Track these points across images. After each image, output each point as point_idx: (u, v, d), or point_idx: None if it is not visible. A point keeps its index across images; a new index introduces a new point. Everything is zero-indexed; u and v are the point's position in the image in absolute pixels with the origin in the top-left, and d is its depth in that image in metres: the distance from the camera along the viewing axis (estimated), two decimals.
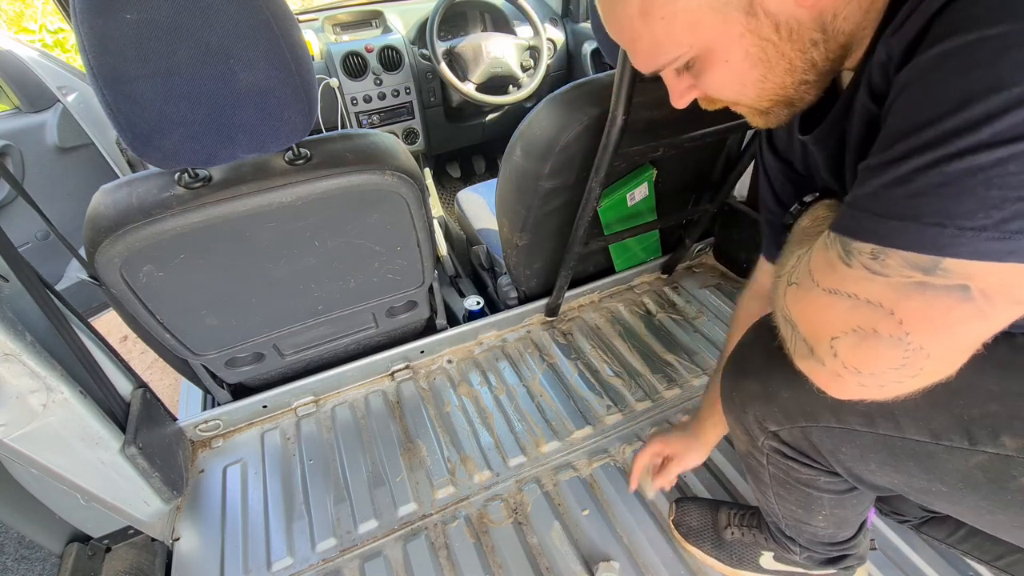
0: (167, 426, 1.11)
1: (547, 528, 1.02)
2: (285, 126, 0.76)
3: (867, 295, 0.37)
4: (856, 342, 0.39)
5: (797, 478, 0.66)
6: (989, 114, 0.32)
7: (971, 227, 0.33)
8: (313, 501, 1.09)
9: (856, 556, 0.80)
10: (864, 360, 0.39)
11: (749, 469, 0.73)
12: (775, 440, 0.63)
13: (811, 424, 0.57)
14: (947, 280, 0.35)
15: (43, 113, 1.86)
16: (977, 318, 0.35)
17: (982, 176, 0.33)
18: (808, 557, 0.81)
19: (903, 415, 0.50)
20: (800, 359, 0.45)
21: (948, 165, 0.33)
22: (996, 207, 0.33)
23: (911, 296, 0.36)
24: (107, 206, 0.80)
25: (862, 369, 0.39)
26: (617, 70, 0.86)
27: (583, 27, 2.19)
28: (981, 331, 0.37)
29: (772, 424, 0.61)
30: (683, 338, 1.41)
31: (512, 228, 1.25)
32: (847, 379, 0.41)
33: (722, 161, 1.34)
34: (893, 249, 0.36)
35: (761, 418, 0.62)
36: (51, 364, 0.79)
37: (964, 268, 0.34)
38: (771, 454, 0.66)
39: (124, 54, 0.63)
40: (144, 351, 1.63)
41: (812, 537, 0.76)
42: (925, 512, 0.92)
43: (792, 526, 0.76)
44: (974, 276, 0.34)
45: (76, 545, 0.93)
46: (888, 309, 0.37)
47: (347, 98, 1.91)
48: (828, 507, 0.68)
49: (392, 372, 1.34)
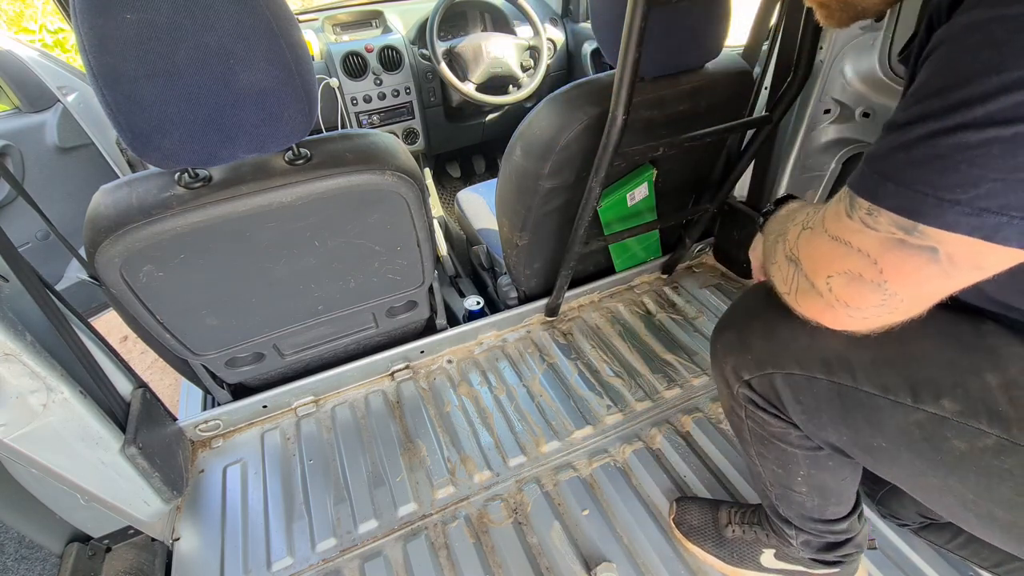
0: (167, 426, 1.11)
1: (547, 528, 1.02)
2: (285, 126, 0.76)
3: (859, 245, 0.43)
4: (846, 282, 0.45)
5: (771, 432, 0.69)
6: (985, 94, 0.34)
7: (949, 199, 0.37)
8: (313, 501, 1.09)
9: (853, 544, 0.80)
10: (851, 297, 0.45)
11: (734, 428, 0.77)
12: (747, 389, 0.68)
13: (777, 371, 0.62)
14: (921, 241, 0.39)
15: (43, 113, 1.86)
16: (941, 277, 0.40)
17: (968, 154, 0.35)
18: (805, 542, 0.81)
19: (859, 368, 0.55)
20: (801, 294, 0.50)
21: (943, 138, 0.36)
22: (973, 184, 0.36)
23: (892, 250, 0.41)
24: (107, 206, 0.80)
25: (850, 304, 0.46)
26: (617, 70, 0.86)
27: (583, 27, 2.19)
28: (944, 287, 0.42)
29: (745, 373, 0.66)
30: (683, 338, 1.41)
31: (512, 228, 1.25)
32: (838, 311, 0.47)
33: (722, 161, 1.34)
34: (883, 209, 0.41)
35: (736, 367, 0.67)
36: (51, 364, 0.79)
37: (936, 234, 0.38)
38: (747, 406, 0.70)
39: (124, 54, 0.63)
40: (144, 351, 1.63)
41: (801, 510, 0.77)
42: (924, 518, 0.92)
43: (781, 496, 0.77)
44: (943, 242, 0.38)
45: (76, 545, 0.93)
46: (873, 259, 0.42)
47: (347, 98, 1.91)
48: (805, 467, 0.70)
49: (392, 372, 1.34)
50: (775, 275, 0.55)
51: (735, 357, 0.67)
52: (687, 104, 1.10)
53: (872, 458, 0.60)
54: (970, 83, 0.35)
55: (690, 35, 0.99)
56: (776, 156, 1.35)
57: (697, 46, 1.03)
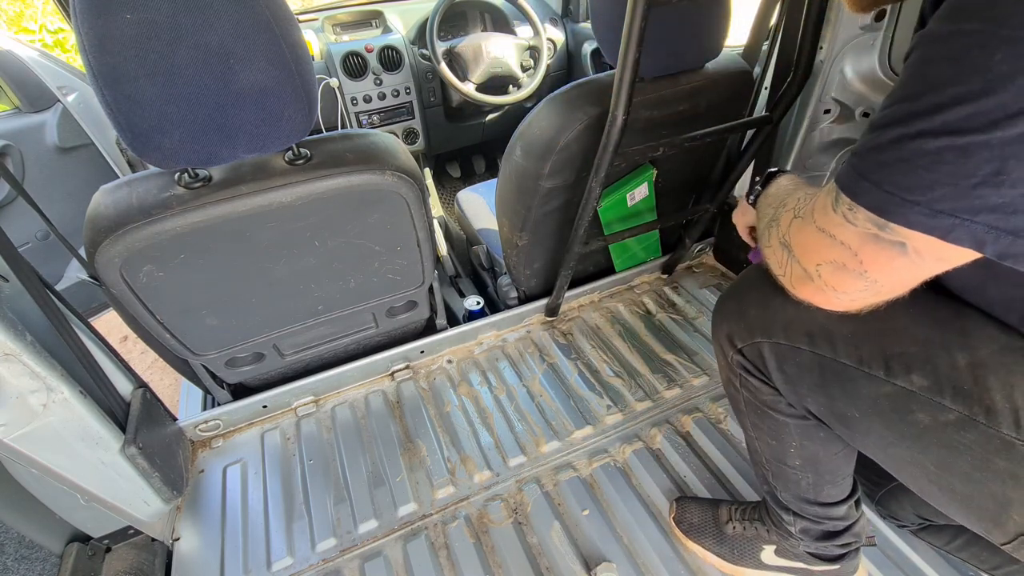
0: (167, 426, 1.11)
1: (547, 528, 1.02)
2: (285, 126, 0.76)
3: (842, 238, 0.47)
4: (833, 270, 0.49)
5: (763, 400, 0.72)
6: (941, 104, 0.37)
7: (910, 200, 0.40)
8: (313, 501, 1.09)
9: (852, 532, 0.80)
10: (838, 283, 0.49)
11: (731, 400, 0.80)
12: (740, 356, 0.70)
13: (765, 339, 0.65)
14: (891, 237, 0.43)
15: (43, 113, 1.86)
16: (911, 267, 0.44)
17: (927, 159, 0.38)
18: (804, 530, 0.81)
19: (840, 341, 0.59)
20: (795, 278, 0.54)
21: (908, 143, 0.39)
22: (930, 188, 0.39)
23: (868, 244, 0.45)
24: (107, 206, 0.80)
25: (837, 288, 0.50)
26: (617, 70, 0.86)
27: (583, 27, 2.19)
28: (917, 275, 0.46)
29: (738, 340, 0.69)
30: (683, 338, 1.41)
31: (512, 228, 1.25)
32: (828, 294, 0.51)
33: (722, 161, 1.34)
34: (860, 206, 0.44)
35: (731, 335, 0.71)
36: (51, 364, 0.79)
37: (902, 231, 0.42)
38: (741, 373, 0.72)
39: (124, 54, 0.62)
40: (144, 351, 1.63)
41: (797, 490, 0.78)
42: (923, 519, 0.92)
43: (777, 474, 0.78)
44: (909, 238, 0.42)
45: (76, 545, 0.93)
46: (854, 251, 0.46)
47: (347, 98, 1.91)
48: (796, 436, 0.72)
49: (392, 372, 1.34)
50: (770, 257, 0.58)
51: (731, 324, 0.71)
52: (687, 104, 1.10)
53: (846, 428, 0.63)
54: (930, 92, 0.38)
55: (690, 35, 0.99)
56: (776, 156, 1.35)
57: (697, 46, 1.03)
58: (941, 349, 0.52)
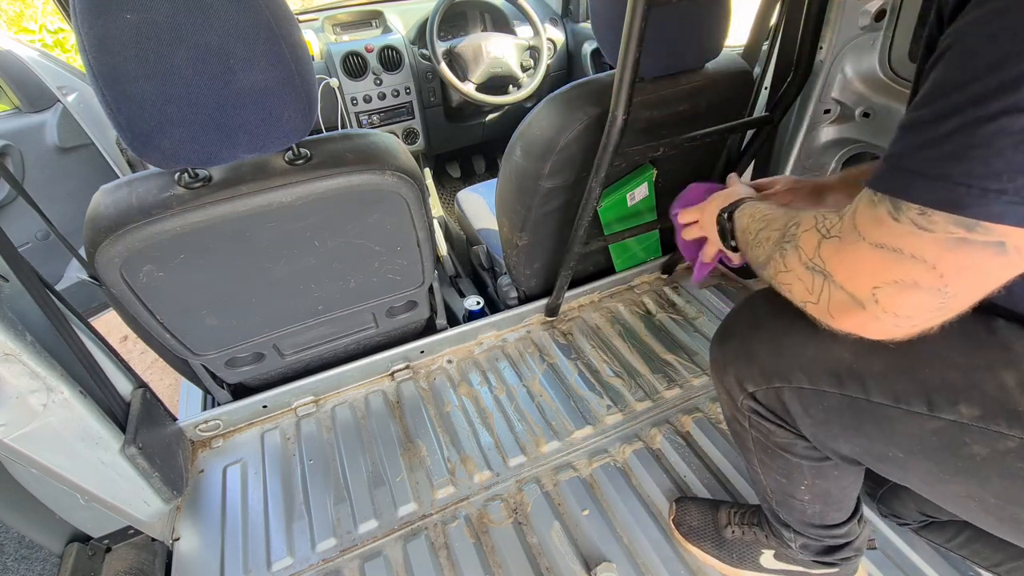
0: (167, 426, 1.11)
1: (547, 528, 1.02)
2: (285, 126, 0.76)
3: (913, 250, 0.40)
4: (897, 291, 0.42)
5: (776, 442, 0.68)
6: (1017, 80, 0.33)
7: (994, 189, 0.35)
8: (313, 501, 1.09)
9: (853, 547, 0.80)
10: (903, 306, 0.43)
11: (735, 436, 0.76)
12: (752, 400, 0.66)
13: (784, 385, 0.60)
14: (986, 237, 0.37)
15: (43, 113, 1.86)
16: (1009, 268, 0.39)
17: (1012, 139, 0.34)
18: (804, 546, 0.81)
19: (870, 378, 0.53)
20: (835, 307, 0.47)
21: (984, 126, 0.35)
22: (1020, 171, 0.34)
23: (951, 251, 0.39)
24: (107, 206, 0.80)
25: (900, 313, 0.43)
26: (617, 70, 0.86)
27: (583, 27, 2.19)
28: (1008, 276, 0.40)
29: (750, 384, 0.64)
30: (683, 338, 1.41)
31: (512, 228, 1.25)
32: (885, 321, 0.44)
33: (722, 161, 1.34)
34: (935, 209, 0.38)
35: (740, 378, 0.65)
36: (51, 364, 0.79)
37: (999, 229, 0.36)
38: (751, 416, 0.68)
39: (124, 54, 0.63)
40: (144, 351, 1.63)
41: (802, 517, 0.76)
42: (925, 516, 0.92)
43: (781, 502, 0.76)
44: (1009, 235, 0.37)
45: (76, 545, 0.94)
46: (931, 263, 0.40)
47: (347, 98, 1.91)
48: (809, 476, 0.69)
49: (392, 372, 1.34)
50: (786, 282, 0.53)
51: (738, 368, 0.65)
52: (687, 104, 1.10)
53: (886, 466, 0.58)
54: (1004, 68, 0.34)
55: (690, 35, 0.99)
56: (776, 156, 1.35)
57: (697, 46, 1.03)
58: (985, 371, 0.47)
